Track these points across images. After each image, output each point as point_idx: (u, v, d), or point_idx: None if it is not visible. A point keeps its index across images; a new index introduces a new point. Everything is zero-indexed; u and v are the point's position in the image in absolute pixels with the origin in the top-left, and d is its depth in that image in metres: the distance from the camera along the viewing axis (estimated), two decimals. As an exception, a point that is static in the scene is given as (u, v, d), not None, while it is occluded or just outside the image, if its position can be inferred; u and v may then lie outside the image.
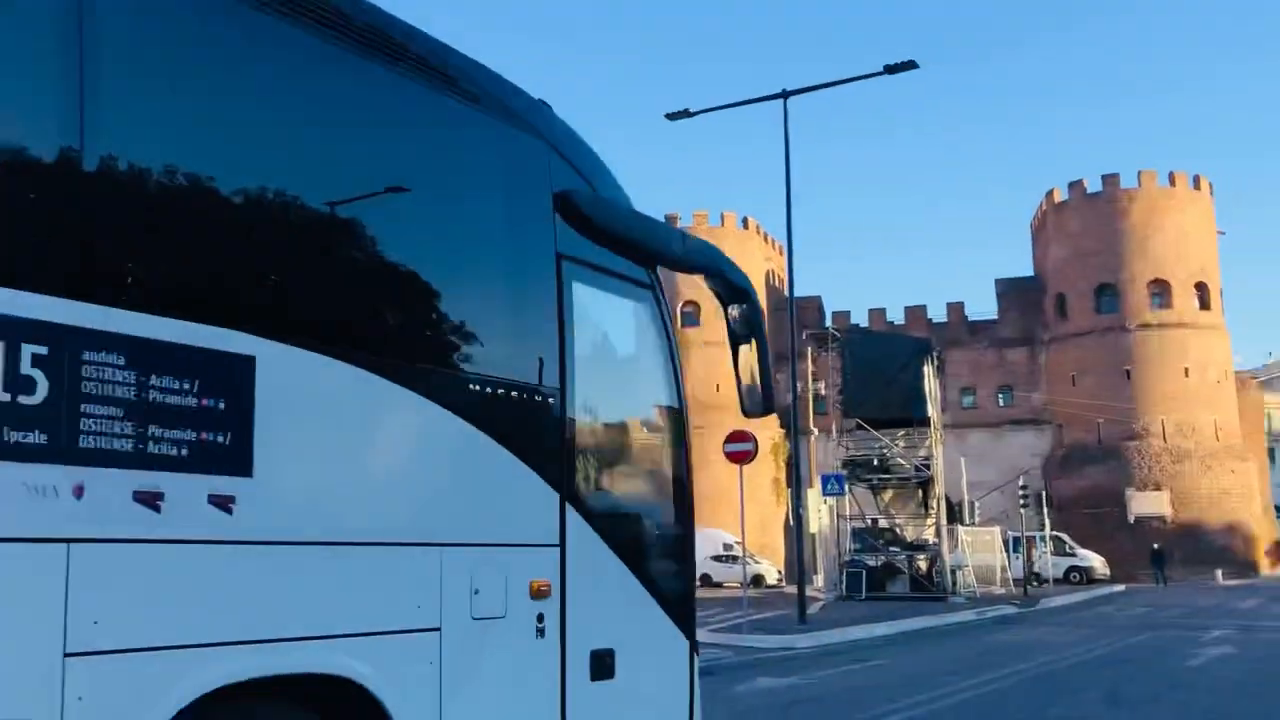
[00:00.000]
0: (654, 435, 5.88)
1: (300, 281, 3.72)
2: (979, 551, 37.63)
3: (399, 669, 3.74)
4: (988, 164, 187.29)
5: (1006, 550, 39.18)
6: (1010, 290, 59.01)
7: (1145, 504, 51.27)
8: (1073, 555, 43.07)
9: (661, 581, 5.24)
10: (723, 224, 58.73)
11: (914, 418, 34.29)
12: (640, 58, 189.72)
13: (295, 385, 3.50)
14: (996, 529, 39.34)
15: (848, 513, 35.22)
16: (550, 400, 4.59)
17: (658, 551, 5.52)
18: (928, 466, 34.24)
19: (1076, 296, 55.05)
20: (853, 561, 33.25)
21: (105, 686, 2.88)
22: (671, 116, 22.52)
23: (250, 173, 3.59)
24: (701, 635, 21.18)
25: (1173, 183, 54.72)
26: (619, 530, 5.03)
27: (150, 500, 3.04)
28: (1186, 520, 50.88)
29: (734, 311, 5.86)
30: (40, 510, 2.78)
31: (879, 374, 34.39)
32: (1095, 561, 43.43)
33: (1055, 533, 43.51)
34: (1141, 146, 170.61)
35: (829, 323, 59.06)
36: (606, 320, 5.32)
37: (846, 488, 32.86)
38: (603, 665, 4.65)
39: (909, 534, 36.28)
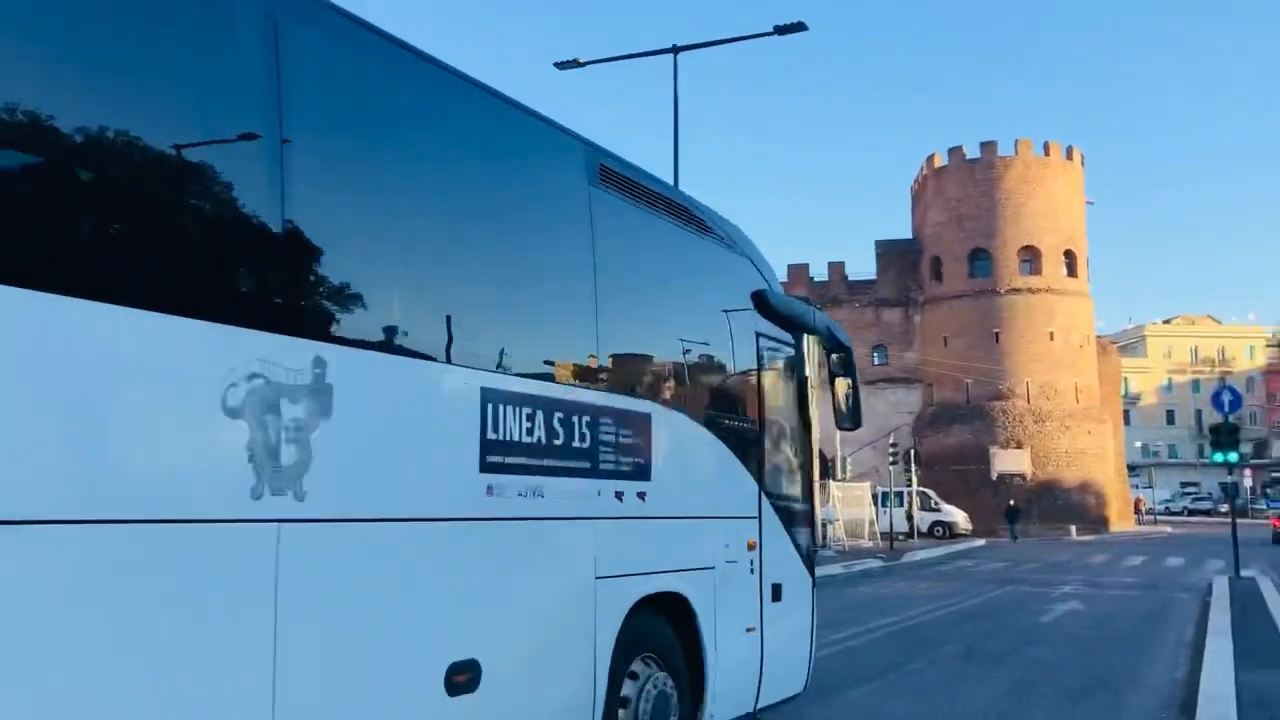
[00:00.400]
0: (798, 447, 8.34)
1: (672, 375, 6.56)
2: (849, 506, 38.74)
3: (699, 589, 6.43)
4: (873, 128, 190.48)
5: (875, 505, 40.45)
6: (889, 252, 60.37)
7: (1007, 462, 53.43)
8: (937, 510, 44.72)
9: (802, 541, 8.17)
10: (611, 174, 58.45)
11: (793, 376, 35.02)
12: (540, 7, 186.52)
13: (669, 431, 6.23)
14: (867, 484, 40.54)
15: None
16: (756, 430, 7.43)
17: (800, 522, 8.18)
18: (805, 423, 35.04)
19: (951, 260, 56.64)
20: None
21: (610, 593, 5.59)
22: (561, 66, 22.19)
23: (646, 305, 6.50)
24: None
25: (1047, 152, 56.46)
26: (783, 509, 7.76)
27: (619, 495, 5.68)
28: (1045, 478, 53.24)
29: (835, 358, 8.68)
30: (584, 505, 5.44)
31: (761, 332, 34.94)
32: (958, 517, 45.15)
33: (922, 488, 45.05)
34: (1019, 116, 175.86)
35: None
36: (775, 372, 7.94)
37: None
38: (777, 592, 7.48)
39: (783, 489, 37.17)
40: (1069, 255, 56.08)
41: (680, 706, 6.28)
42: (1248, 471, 71.06)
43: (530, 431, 4.96)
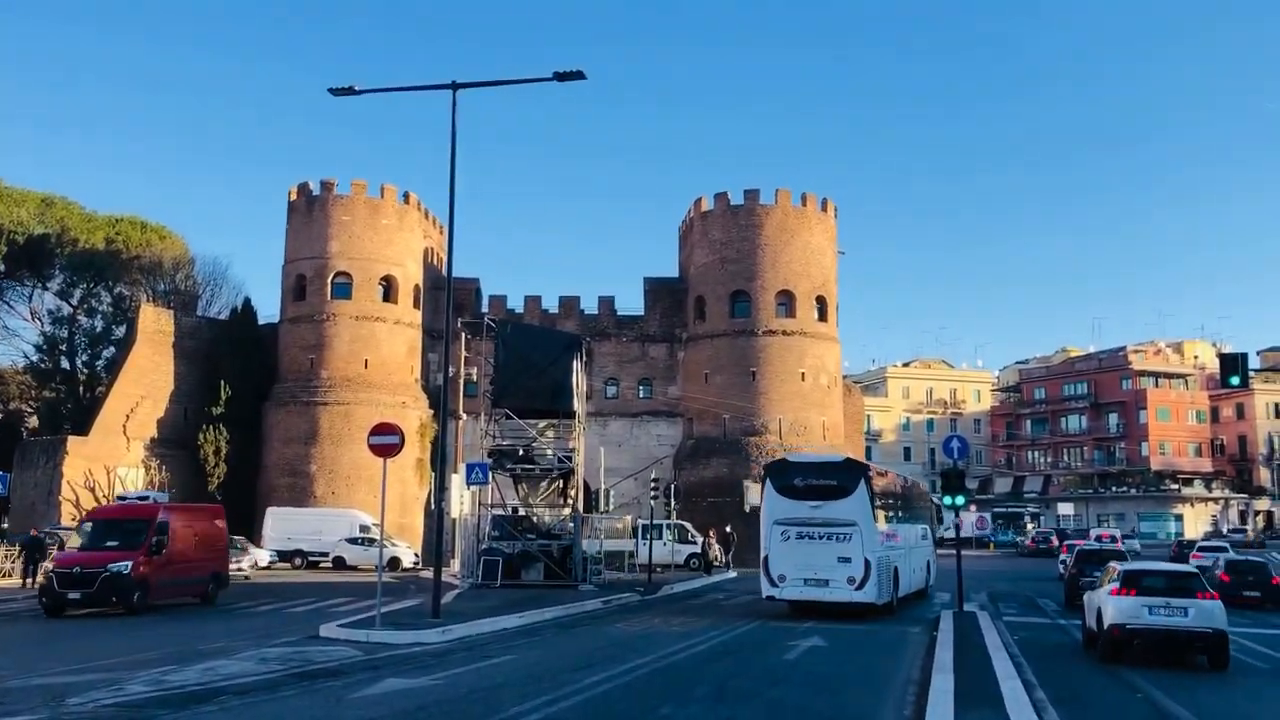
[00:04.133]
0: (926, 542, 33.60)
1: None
2: (611, 538, 39.36)
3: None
4: (645, 170, 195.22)
5: (636, 537, 41.22)
6: (657, 288, 62.06)
7: (759, 494, 55.64)
8: (693, 543, 46.04)
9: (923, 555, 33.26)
10: (382, 196, 57.27)
11: (560, 410, 35.27)
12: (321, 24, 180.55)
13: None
14: (628, 517, 41.30)
15: (489, 500, 35.64)
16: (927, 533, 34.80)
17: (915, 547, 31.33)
18: (570, 458, 35.33)
19: (714, 300, 58.85)
20: (490, 549, 33.69)
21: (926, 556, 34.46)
22: (335, 92, 21.67)
23: None
24: (329, 630, 20.58)
25: (804, 203, 59.74)
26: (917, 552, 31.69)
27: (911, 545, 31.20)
28: (793, 511, 56.03)
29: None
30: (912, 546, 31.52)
31: (530, 366, 35.02)
32: (715, 549, 46.64)
33: (679, 520, 46.31)
34: (778, 166, 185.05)
35: (485, 306, 59.37)
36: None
37: (491, 477, 33.23)
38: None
39: (547, 522, 37.27)
40: (821, 300, 59.39)
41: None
42: (973, 507, 76.89)
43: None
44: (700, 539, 46.15)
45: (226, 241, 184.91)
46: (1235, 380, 28.73)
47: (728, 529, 47.49)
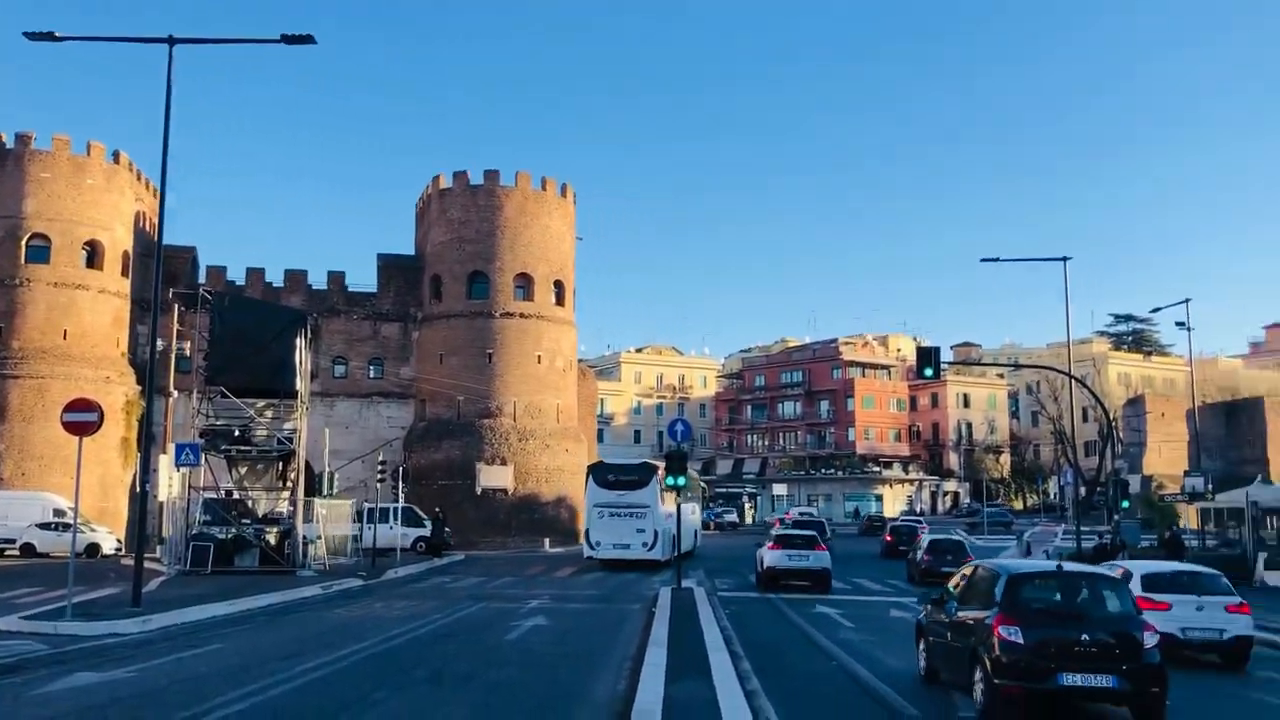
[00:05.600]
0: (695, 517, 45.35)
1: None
2: (334, 522, 38.13)
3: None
4: (382, 145, 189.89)
5: (360, 521, 40.16)
6: (391, 266, 60.44)
7: (492, 477, 55.68)
8: (421, 526, 45.39)
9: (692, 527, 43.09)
10: (88, 153, 52.53)
11: (282, 389, 33.77)
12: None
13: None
14: (351, 501, 40.16)
15: (201, 483, 33.68)
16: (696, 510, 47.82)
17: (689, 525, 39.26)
18: (291, 440, 33.93)
19: (451, 280, 58.03)
20: (200, 534, 31.86)
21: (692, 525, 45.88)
22: (32, 36, 19.69)
23: None
24: (8, 623, 18.84)
25: (544, 187, 59.94)
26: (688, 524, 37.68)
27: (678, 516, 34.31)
28: (525, 493, 56.26)
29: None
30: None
31: (249, 341, 33.31)
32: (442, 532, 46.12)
33: (407, 504, 45.49)
34: (518, 151, 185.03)
35: (203, 277, 55.89)
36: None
37: (203, 458, 31.42)
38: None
39: (263, 506, 35.66)
40: (558, 285, 59.88)
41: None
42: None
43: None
44: (429, 522, 45.58)
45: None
46: (929, 372, 31.38)
47: (437, 510, 46.69)
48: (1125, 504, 35.86)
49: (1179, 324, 48.38)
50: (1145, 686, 11.00)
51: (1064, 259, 36.64)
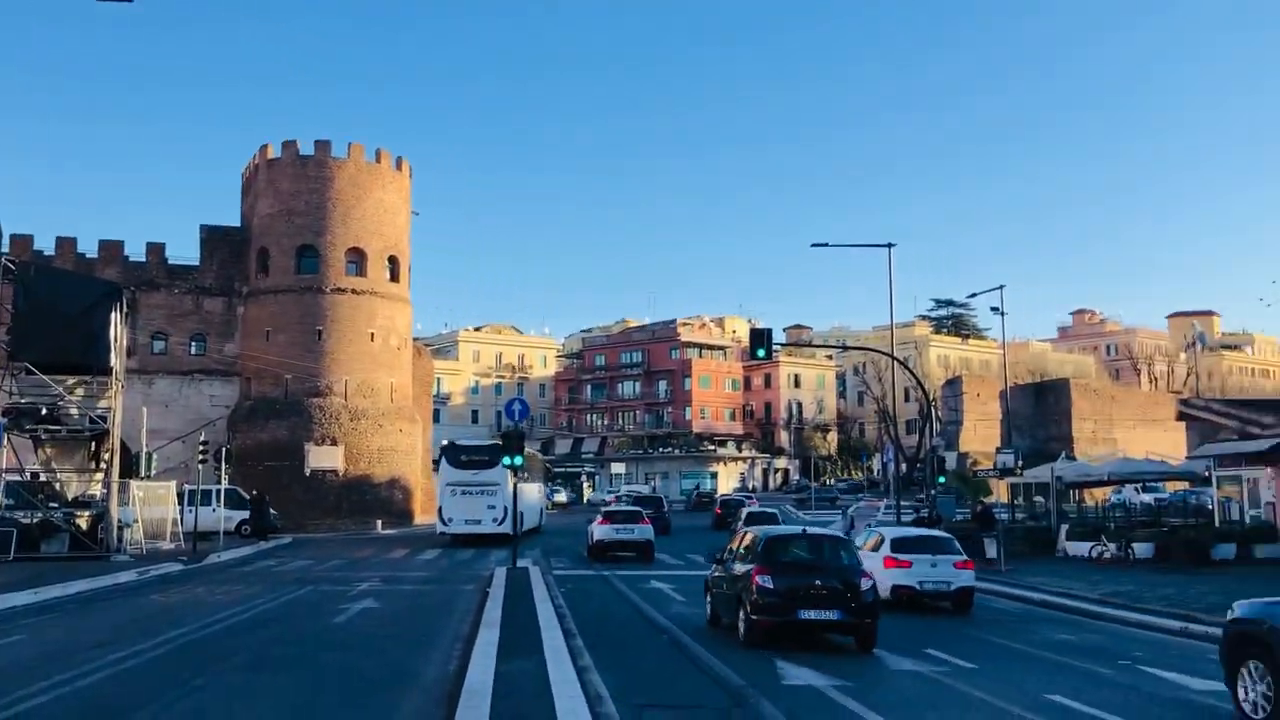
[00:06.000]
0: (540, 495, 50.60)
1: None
2: (153, 505, 36.32)
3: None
4: (210, 112, 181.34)
5: (181, 504, 38.43)
6: (216, 238, 57.75)
7: (321, 458, 54.08)
8: (245, 508, 43.67)
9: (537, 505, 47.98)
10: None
11: (94, 365, 31.92)
12: None
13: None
14: (172, 483, 38.36)
15: (4, 465, 31.57)
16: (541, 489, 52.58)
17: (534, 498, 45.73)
18: (104, 419, 32.13)
19: (280, 254, 55.89)
20: (2, 519, 29.86)
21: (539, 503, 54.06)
22: None
23: None
24: None
25: (378, 160, 58.28)
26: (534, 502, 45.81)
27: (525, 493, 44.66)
28: (357, 474, 54.86)
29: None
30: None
31: (58, 315, 31.37)
32: (269, 514, 44.51)
33: (231, 486, 43.68)
34: (355, 124, 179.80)
35: (5, 245, 52.15)
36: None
37: (6, 439, 29.44)
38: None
39: (74, 489, 33.73)
40: (393, 261, 58.48)
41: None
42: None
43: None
44: (251, 505, 43.92)
45: None
46: (762, 353, 32.15)
47: (254, 492, 44.84)
48: (942, 479, 37.63)
49: (994, 309, 50.78)
50: (861, 619, 14.55)
51: (888, 245, 38.15)
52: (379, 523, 52.18)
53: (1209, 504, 38.29)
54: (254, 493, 44.52)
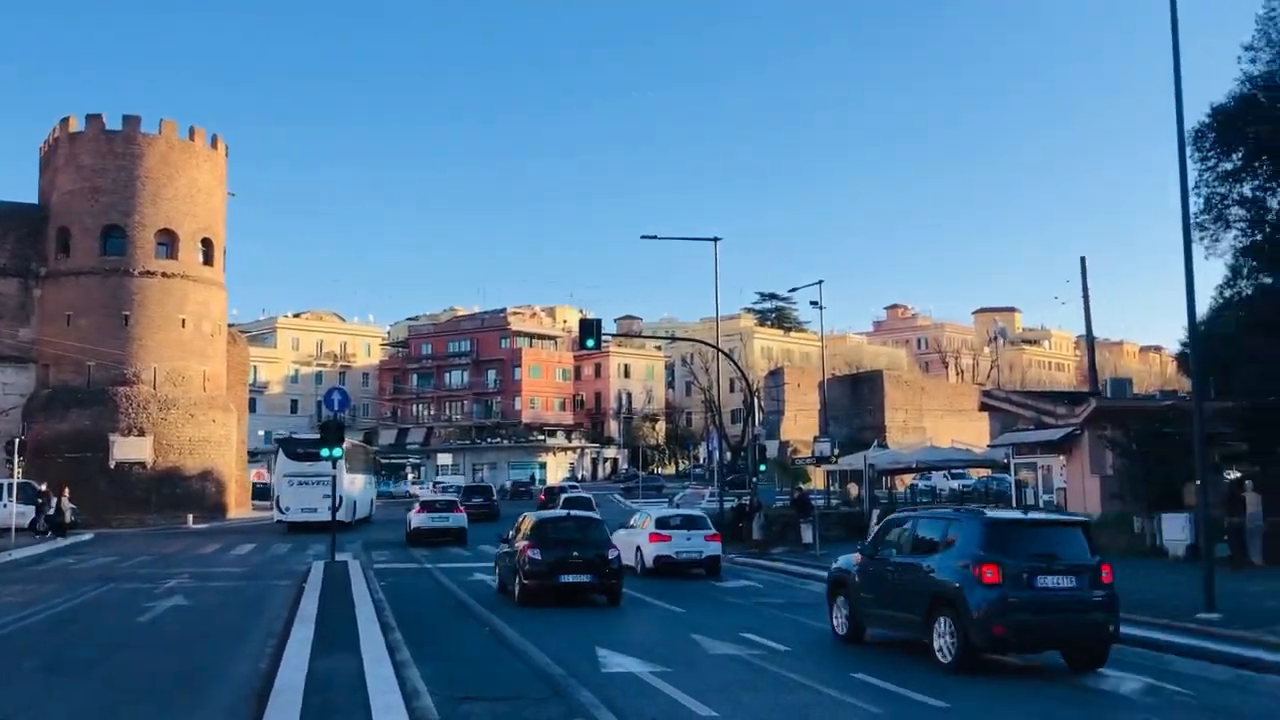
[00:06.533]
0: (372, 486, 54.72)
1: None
2: (-66, 502, 33.71)
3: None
4: (8, 78, 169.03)
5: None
6: (10, 215, 53.84)
7: (128, 449, 51.31)
8: (43, 503, 40.96)
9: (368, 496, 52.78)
10: None
11: None
12: None
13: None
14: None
15: None
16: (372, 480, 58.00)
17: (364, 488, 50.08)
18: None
19: (82, 234, 52.60)
20: None
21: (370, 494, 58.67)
22: None
23: None
24: None
25: (192, 137, 55.50)
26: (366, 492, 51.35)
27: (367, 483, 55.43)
28: (167, 466, 52.26)
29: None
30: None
31: None
32: (66, 509, 41.88)
33: (26, 479, 40.84)
34: (166, 99, 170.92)
35: None
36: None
37: None
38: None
39: None
40: (207, 243, 55.89)
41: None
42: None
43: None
44: (54, 499, 41.26)
45: None
46: (591, 343, 32.37)
47: (43, 486, 41.77)
48: (763, 467, 38.72)
49: (813, 303, 52.69)
50: (609, 581, 18.93)
51: (715, 239, 38.92)
52: (190, 517, 49.96)
53: (1008, 489, 40.75)
54: (44, 486, 41.55)
